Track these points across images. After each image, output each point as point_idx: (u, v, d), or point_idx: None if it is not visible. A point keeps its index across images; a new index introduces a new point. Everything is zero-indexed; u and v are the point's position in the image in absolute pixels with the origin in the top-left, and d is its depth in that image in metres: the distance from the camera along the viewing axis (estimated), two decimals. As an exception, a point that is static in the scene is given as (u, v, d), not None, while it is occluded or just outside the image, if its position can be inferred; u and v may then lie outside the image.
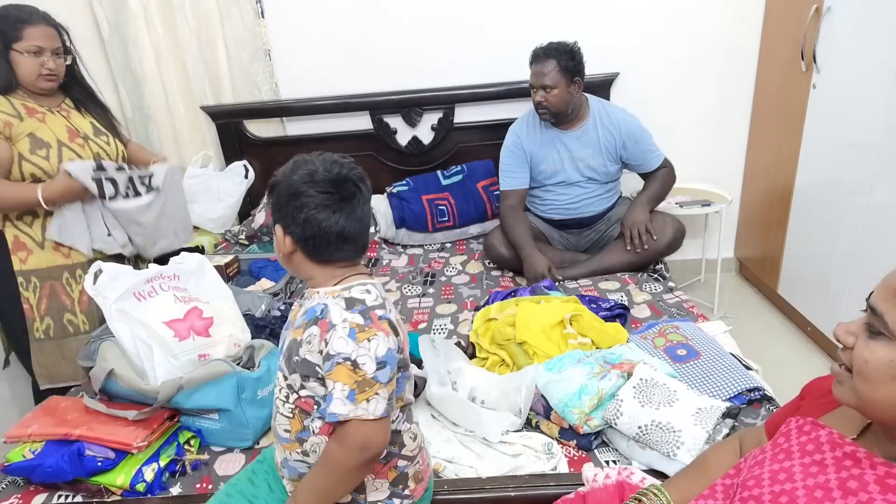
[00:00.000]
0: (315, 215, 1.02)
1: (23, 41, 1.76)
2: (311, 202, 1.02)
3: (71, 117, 1.93)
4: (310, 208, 1.02)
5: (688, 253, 2.96)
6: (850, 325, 0.76)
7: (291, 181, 1.03)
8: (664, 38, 2.79)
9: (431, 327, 2.06)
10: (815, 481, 0.77)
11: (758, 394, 1.51)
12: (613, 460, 1.40)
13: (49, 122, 1.86)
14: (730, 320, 2.40)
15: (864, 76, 2.12)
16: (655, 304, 2.09)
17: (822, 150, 2.40)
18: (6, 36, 1.76)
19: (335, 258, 1.07)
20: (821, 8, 2.29)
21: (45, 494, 1.40)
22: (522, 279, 2.42)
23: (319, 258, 1.07)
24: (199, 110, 2.89)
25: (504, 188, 2.53)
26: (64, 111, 1.93)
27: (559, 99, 2.30)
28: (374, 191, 3.25)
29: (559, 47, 2.29)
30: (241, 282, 2.35)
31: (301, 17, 2.79)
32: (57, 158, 1.84)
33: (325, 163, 1.05)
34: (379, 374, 0.98)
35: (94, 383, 1.53)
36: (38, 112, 1.85)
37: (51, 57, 1.81)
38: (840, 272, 2.30)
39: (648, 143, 2.44)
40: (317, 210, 1.02)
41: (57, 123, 1.88)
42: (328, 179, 1.03)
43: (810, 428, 0.84)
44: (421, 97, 2.87)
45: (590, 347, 1.70)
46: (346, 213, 1.04)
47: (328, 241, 1.04)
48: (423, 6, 2.76)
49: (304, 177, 1.03)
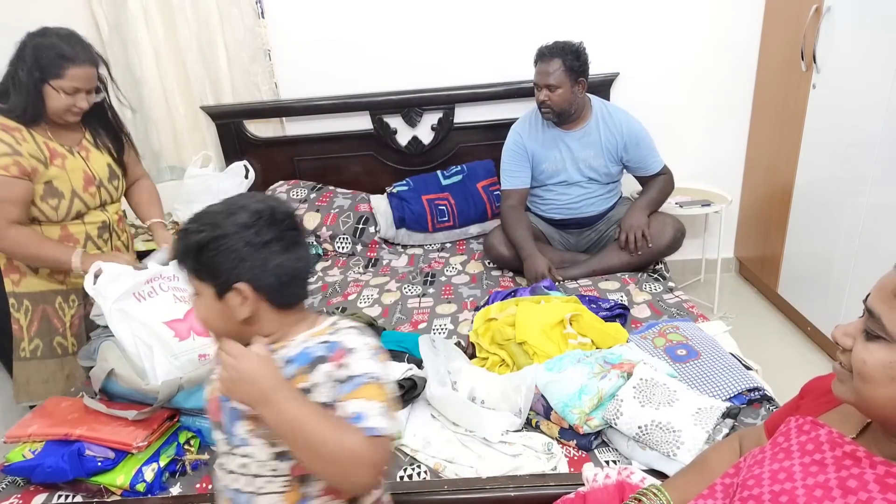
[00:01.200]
0: (287, 258, 0.93)
1: (62, 80, 1.67)
2: (278, 246, 0.92)
3: (90, 158, 1.86)
4: (279, 252, 0.92)
5: (688, 253, 2.96)
6: (847, 327, 0.76)
7: (243, 229, 0.90)
8: (664, 38, 2.80)
9: (431, 327, 2.06)
10: (815, 480, 0.77)
11: (757, 394, 1.51)
12: (613, 460, 1.40)
13: (69, 168, 1.79)
14: (730, 320, 2.40)
15: (864, 76, 2.12)
16: (655, 304, 2.09)
17: (822, 150, 2.40)
18: (46, 71, 1.66)
19: (298, 299, 0.98)
20: (821, 8, 2.29)
21: (46, 494, 1.40)
22: (522, 279, 2.42)
23: (286, 304, 0.96)
24: (199, 111, 2.89)
25: (505, 188, 2.53)
26: (84, 150, 1.86)
27: (563, 99, 2.30)
28: (374, 191, 3.27)
29: (565, 47, 2.29)
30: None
31: (301, 17, 2.79)
32: (66, 209, 1.80)
33: (259, 202, 0.94)
34: (395, 399, 0.94)
35: (94, 383, 1.53)
36: (60, 155, 1.78)
37: (84, 96, 1.74)
38: (840, 272, 2.30)
39: (650, 147, 2.43)
40: (287, 251, 0.93)
41: (76, 169, 1.81)
42: (281, 218, 0.94)
43: (810, 427, 0.84)
44: (421, 97, 2.87)
45: (590, 347, 1.70)
46: (305, 248, 0.98)
47: (300, 281, 0.97)
48: (423, 6, 2.76)
49: (254, 220, 0.91)
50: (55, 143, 1.78)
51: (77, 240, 1.86)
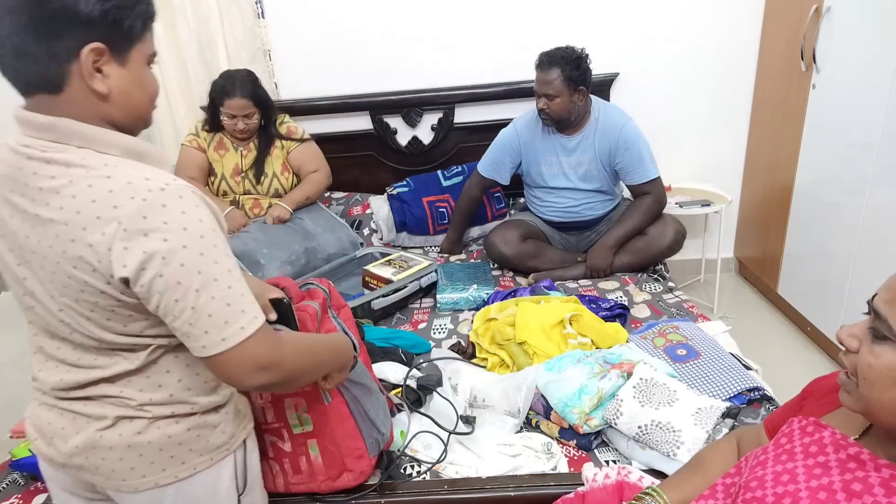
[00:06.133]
0: None
1: (224, 107, 2.41)
2: None
3: (246, 157, 2.53)
4: None
5: (687, 253, 2.96)
6: (853, 327, 0.75)
7: None
8: (664, 38, 2.79)
9: (431, 327, 2.06)
10: (819, 483, 0.76)
11: (757, 394, 1.51)
12: (613, 460, 1.40)
13: (225, 159, 2.53)
14: (730, 320, 2.40)
15: (863, 76, 2.12)
16: (655, 304, 2.09)
17: (822, 150, 2.40)
18: (216, 100, 2.43)
19: None
20: (821, 8, 2.30)
21: (46, 494, 1.40)
22: (522, 279, 2.42)
23: None
24: (199, 110, 2.89)
25: (479, 168, 2.57)
26: (246, 150, 2.54)
27: (561, 107, 2.28)
28: (374, 191, 3.24)
29: (565, 55, 2.24)
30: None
31: (301, 17, 2.79)
32: (216, 186, 2.55)
33: None
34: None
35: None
36: (224, 148, 2.53)
37: (241, 119, 2.42)
38: (840, 272, 2.30)
39: (639, 154, 2.34)
40: None
41: (230, 161, 2.53)
42: None
43: (813, 429, 0.83)
44: (421, 97, 2.87)
45: (590, 347, 1.70)
46: None
47: None
48: (424, 6, 2.76)
49: None
50: (228, 140, 2.54)
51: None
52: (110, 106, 0.88)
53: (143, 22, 0.89)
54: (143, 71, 0.92)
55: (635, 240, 2.39)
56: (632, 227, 2.38)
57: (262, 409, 1.26)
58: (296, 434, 1.26)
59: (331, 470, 1.28)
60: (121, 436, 0.97)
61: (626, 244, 2.39)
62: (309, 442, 1.26)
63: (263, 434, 1.26)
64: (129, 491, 1.00)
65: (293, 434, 1.26)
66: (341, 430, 1.26)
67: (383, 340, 1.83)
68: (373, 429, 1.30)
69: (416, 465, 1.41)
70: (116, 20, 0.84)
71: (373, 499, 1.32)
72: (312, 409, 1.24)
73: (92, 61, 0.84)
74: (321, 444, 1.26)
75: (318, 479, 1.29)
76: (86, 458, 0.98)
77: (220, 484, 1.05)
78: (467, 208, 2.66)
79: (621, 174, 2.42)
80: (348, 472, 1.29)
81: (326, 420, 1.25)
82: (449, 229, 2.73)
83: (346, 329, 1.29)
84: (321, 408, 1.24)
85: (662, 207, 2.43)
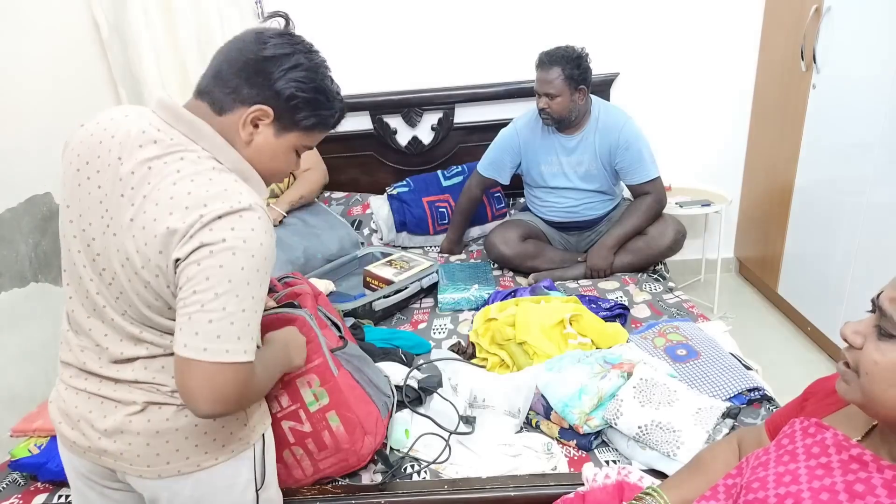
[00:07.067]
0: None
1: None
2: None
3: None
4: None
5: (688, 253, 2.96)
6: (858, 324, 0.74)
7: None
8: (664, 38, 2.79)
9: (431, 327, 2.06)
10: (821, 484, 0.76)
11: (757, 394, 1.51)
12: (613, 460, 1.40)
13: None
14: (730, 320, 2.40)
15: (863, 76, 2.12)
16: (655, 304, 2.09)
17: (822, 150, 2.40)
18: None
19: None
20: (821, 8, 2.30)
21: (46, 494, 1.40)
22: (522, 279, 2.42)
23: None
24: (199, 110, 2.89)
25: (479, 168, 2.57)
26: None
27: (562, 107, 2.28)
28: (374, 190, 3.25)
29: (566, 55, 2.24)
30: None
31: (301, 17, 2.78)
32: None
33: None
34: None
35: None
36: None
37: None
38: (840, 272, 2.30)
39: (639, 154, 2.33)
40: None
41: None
42: None
43: (815, 430, 0.83)
44: (421, 97, 2.87)
45: (590, 347, 1.70)
46: None
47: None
48: (424, 6, 2.76)
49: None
50: None
51: None
52: (244, 149, 1.01)
53: (316, 124, 1.05)
54: (287, 152, 1.06)
55: (635, 240, 2.39)
56: (632, 227, 2.37)
57: (275, 398, 1.28)
58: (313, 412, 1.28)
59: (353, 435, 1.31)
60: (149, 421, 1.00)
61: (626, 244, 2.39)
62: (328, 415, 1.29)
63: (280, 422, 1.28)
64: (152, 477, 1.02)
65: (310, 413, 1.28)
66: (353, 396, 1.32)
67: (383, 341, 1.83)
68: (379, 392, 1.40)
69: (417, 465, 1.41)
70: (297, 107, 1.01)
71: (373, 499, 1.32)
72: (325, 382, 1.28)
73: (255, 115, 0.99)
74: (340, 413, 1.30)
75: (343, 448, 1.31)
76: (112, 442, 1.00)
77: (239, 477, 1.07)
78: (467, 208, 2.66)
79: (621, 174, 2.42)
80: (369, 436, 1.33)
81: (339, 390, 1.30)
82: (449, 229, 2.73)
83: (329, 315, 1.44)
84: (332, 379, 1.29)
85: (662, 207, 2.43)
